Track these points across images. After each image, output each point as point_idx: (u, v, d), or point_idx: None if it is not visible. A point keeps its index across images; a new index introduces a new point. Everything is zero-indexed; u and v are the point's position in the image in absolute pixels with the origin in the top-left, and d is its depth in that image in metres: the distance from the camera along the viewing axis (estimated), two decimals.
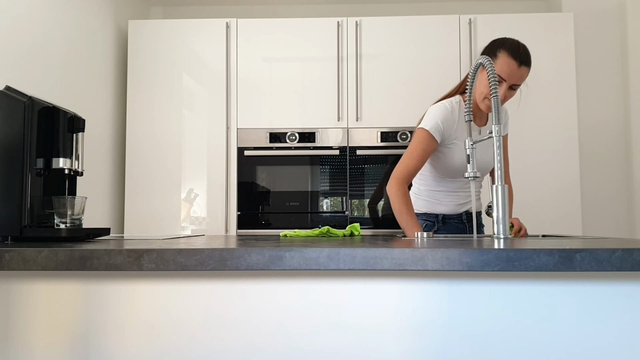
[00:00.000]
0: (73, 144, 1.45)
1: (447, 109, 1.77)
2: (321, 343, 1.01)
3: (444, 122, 1.75)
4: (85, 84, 2.74)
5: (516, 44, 1.68)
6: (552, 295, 0.99)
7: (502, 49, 1.68)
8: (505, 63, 1.66)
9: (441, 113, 1.76)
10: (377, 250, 0.91)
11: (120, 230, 3.13)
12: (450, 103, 1.79)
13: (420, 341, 1.00)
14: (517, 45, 1.68)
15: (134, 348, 1.03)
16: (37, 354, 1.04)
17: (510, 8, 3.60)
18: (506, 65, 1.66)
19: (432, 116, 1.76)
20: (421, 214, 1.90)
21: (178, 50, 3.08)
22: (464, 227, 1.90)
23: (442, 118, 1.75)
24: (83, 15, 2.73)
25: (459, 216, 1.89)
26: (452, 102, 1.80)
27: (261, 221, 3.01)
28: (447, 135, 1.77)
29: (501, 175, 1.43)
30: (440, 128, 1.75)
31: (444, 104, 1.79)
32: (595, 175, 3.17)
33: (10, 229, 1.29)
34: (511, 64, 1.66)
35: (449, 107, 1.77)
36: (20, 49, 2.20)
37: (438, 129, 1.75)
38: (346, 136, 3.01)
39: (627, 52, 3.12)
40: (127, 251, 0.93)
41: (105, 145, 2.96)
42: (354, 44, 3.05)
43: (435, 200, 1.87)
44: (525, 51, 1.68)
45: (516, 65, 1.66)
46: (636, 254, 0.88)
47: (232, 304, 1.03)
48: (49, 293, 1.04)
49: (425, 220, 1.89)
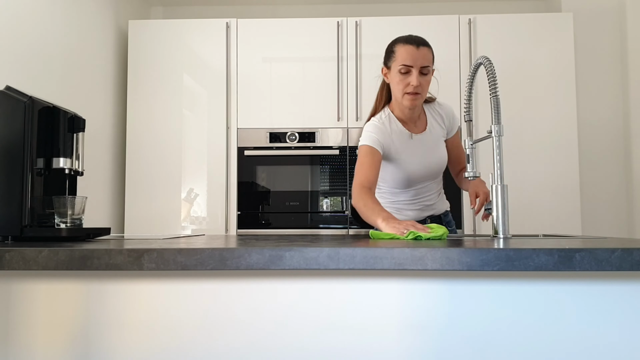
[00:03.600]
0: (73, 144, 1.45)
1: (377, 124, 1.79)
2: (321, 342, 1.01)
3: (379, 134, 1.76)
4: (85, 84, 2.74)
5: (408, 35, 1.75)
6: (552, 295, 0.99)
7: (396, 43, 1.74)
8: (404, 51, 1.70)
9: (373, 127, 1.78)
10: (376, 250, 0.92)
11: (121, 230, 3.13)
12: (380, 118, 1.81)
13: (420, 340, 1.00)
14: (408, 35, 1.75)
15: (134, 348, 1.03)
16: (37, 354, 1.04)
17: (510, 8, 3.60)
18: (405, 52, 1.70)
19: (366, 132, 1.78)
20: None
21: (178, 50, 3.08)
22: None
23: (375, 131, 1.77)
24: (83, 15, 2.73)
25: (423, 221, 1.88)
26: (381, 116, 1.82)
27: (261, 221, 3.01)
28: (387, 147, 1.77)
29: (501, 175, 1.43)
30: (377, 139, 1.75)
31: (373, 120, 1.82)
32: (594, 175, 3.17)
33: (11, 228, 1.29)
34: (409, 49, 1.70)
35: (378, 122, 1.80)
36: (20, 49, 2.20)
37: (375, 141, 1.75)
38: (346, 136, 3.02)
39: (626, 52, 3.12)
40: (127, 251, 0.93)
41: (105, 145, 2.96)
42: (353, 44, 3.05)
43: (396, 212, 1.87)
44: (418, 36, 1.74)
45: (414, 48, 1.70)
46: (635, 254, 0.88)
47: (232, 303, 1.03)
48: (49, 293, 1.04)
49: None
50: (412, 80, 1.70)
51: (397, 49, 1.72)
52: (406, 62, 1.69)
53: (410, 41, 1.71)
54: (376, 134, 1.76)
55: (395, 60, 1.73)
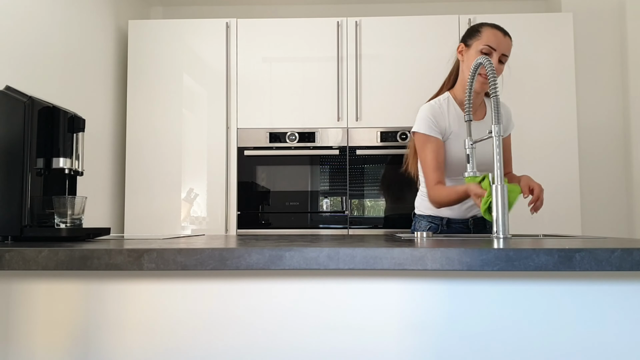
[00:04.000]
0: (73, 144, 1.45)
1: (434, 106, 1.80)
2: (321, 342, 1.01)
3: (435, 117, 1.77)
4: (85, 84, 2.74)
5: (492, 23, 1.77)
6: (552, 295, 0.99)
7: (483, 25, 1.76)
8: (491, 34, 1.73)
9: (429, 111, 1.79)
10: (376, 250, 0.92)
11: (121, 230, 3.13)
12: (438, 101, 1.82)
13: (420, 341, 1.00)
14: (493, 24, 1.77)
15: (134, 348, 1.03)
16: (37, 354, 1.04)
17: (510, 8, 3.60)
18: (492, 35, 1.73)
19: (421, 116, 1.79)
20: (425, 216, 1.88)
21: (178, 50, 3.08)
22: (468, 232, 1.85)
23: (431, 114, 1.78)
24: (83, 15, 2.73)
25: (465, 221, 1.85)
26: (440, 100, 1.83)
27: (261, 221, 3.01)
28: (443, 129, 1.78)
29: (501, 175, 1.43)
30: (433, 122, 1.76)
31: (430, 103, 1.83)
32: (594, 175, 3.17)
33: (11, 228, 1.29)
34: (497, 34, 1.73)
35: (435, 105, 1.81)
36: (20, 49, 2.20)
37: (431, 125, 1.76)
38: (346, 136, 3.02)
39: (626, 52, 3.12)
40: (127, 251, 0.93)
41: (105, 145, 2.96)
42: (353, 44, 3.05)
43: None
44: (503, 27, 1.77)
45: (502, 35, 1.73)
46: (635, 254, 0.88)
47: (232, 303, 1.03)
48: (49, 293, 1.04)
49: (429, 222, 1.86)
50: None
51: (484, 30, 1.74)
52: (491, 44, 1.72)
53: (497, 27, 1.75)
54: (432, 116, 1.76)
55: (479, 39, 1.74)
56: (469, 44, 1.78)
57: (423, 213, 1.89)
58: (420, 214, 1.90)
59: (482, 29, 1.75)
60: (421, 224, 1.89)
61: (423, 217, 1.89)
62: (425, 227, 1.87)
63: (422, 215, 1.89)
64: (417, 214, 1.94)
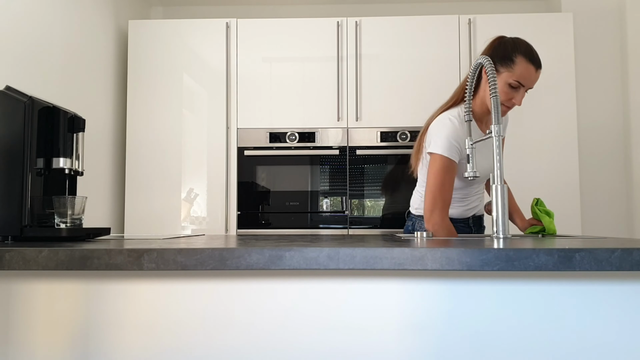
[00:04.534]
0: (73, 144, 1.45)
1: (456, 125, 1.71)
2: (321, 342, 1.01)
3: (458, 140, 1.70)
4: (85, 84, 2.74)
5: (529, 47, 1.66)
6: (552, 295, 0.99)
7: (519, 54, 1.64)
8: (524, 68, 1.64)
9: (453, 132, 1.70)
10: (376, 250, 0.92)
11: (121, 230, 3.13)
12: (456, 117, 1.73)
13: (420, 341, 1.00)
14: (530, 48, 1.66)
15: (134, 348, 1.03)
16: (37, 354, 1.04)
17: (510, 8, 3.60)
18: (525, 70, 1.64)
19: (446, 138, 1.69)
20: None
21: (178, 50, 3.08)
22: (469, 230, 1.88)
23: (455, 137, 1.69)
24: (83, 15, 2.73)
25: (466, 220, 1.87)
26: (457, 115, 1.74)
27: (261, 221, 3.01)
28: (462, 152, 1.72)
29: (500, 175, 1.43)
30: (457, 148, 1.70)
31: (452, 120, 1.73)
32: (594, 175, 3.17)
33: (11, 228, 1.29)
34: (530, 69, 1.64)
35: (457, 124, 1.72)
36: (20, 49, 2.20)
37: (455, 150, 1.69)
38: (346, 136, 3.02)
39: (626, 52, 3.12)
40: (127, 251, 0.93)
41: (105, 145, 2.96)
42: (353, 44, 3.05)
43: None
44: (537, 54, 1.67)
45: (534, 70, 1.65)
46: (635, 254, 0.88)
47: (232, 303, 1.03)
48: (49, 293, 1.04)
49: None
50: (517, 100, 1.66)
51: (519, 62, 1.64)
52: (522, 81, 1.64)
53: (533, 60, 1.64)
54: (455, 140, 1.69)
55: (510, 71, 1.64)
56: (499, 69, 1.66)
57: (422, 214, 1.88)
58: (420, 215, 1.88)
59: (516, 59, 1.64)
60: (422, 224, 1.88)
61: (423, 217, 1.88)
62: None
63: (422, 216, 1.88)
64: (415, 214, 1.93)
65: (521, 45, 1.66)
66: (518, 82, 1.65)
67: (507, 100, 1.69)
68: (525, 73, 1.64)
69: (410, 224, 1.93)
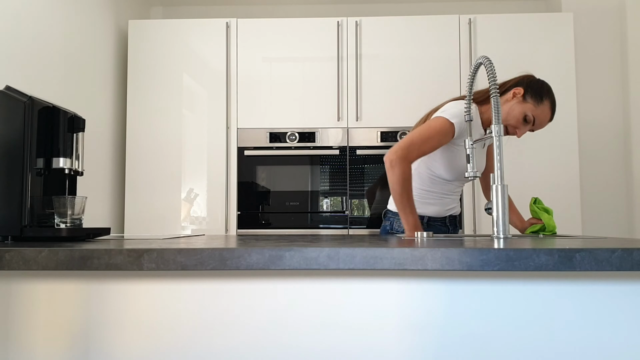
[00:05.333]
0: (73, 144, 1.45)
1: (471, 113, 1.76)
2: (321, 342, 1.01)
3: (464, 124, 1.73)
4: (85, 84, 2.74)
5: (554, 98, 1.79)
6: (552, 295, 0.99)
7: (548, 99, 1.76)
8: (545, 112, 1.77)
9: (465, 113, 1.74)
10: (376, 250, 0.92)
11: (121, 230, 3.13)
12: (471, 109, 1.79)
13: (420, 341, 1.00)
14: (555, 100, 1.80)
15: (134, 348, 1.03)
16: (37, 354, 1.04)
17: (510, 8, 3.60)
18: (545, 114, 1.77)
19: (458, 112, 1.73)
20: None
21: (178, 50, 3.08)
22: (446, 229, 1.90)
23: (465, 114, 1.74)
24: (83, 15, 2.73)
25: (443, 219, 1.89)
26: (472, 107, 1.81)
27: (261, 221, 3.01)
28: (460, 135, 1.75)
29: (501, 175, 1.43)
30: (463, 125, 1.73)
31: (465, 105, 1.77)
32: (595, 175, 3.17)
33: (11, 228, 1.29)
34: (547, 116, 1.78)
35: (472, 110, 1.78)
36: (20, 49, 2.20)
37: (460, 125, 1.72)
38: (346, 136, 3.02)
39: (626, 51, 3.12)
40: (127, 251, 0.93)
41: (105, 145, 2.96)
42: (353, 44, 3.05)
43: (425, 201, 1.85)
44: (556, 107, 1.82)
45: (549, 118, 1.79)
46: (636, 254, 0.88)
47: (232, 303, 1.03)
48: (49, 293, 1.04)
49: None
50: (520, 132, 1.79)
51: (545, 104, 1.76)
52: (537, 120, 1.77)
53: (553, 111, 1.79)
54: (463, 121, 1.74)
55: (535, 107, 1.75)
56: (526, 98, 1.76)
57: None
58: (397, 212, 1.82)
59: (545, 101, 1.75)
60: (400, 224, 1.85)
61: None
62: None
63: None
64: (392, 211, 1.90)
65: (552, 93, 1.79)
66: (533, 119, 1.76)
67: (514, 127, 1.78)
68: (543, 116, 1.77)
69: (388, 223, 1.91)
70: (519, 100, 1.75)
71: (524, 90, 1.76)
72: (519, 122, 1.76)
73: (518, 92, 1.76)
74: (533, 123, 1.76)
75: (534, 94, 1.75)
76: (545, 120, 1.77)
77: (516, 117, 1.75)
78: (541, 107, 1.75)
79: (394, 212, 1.89)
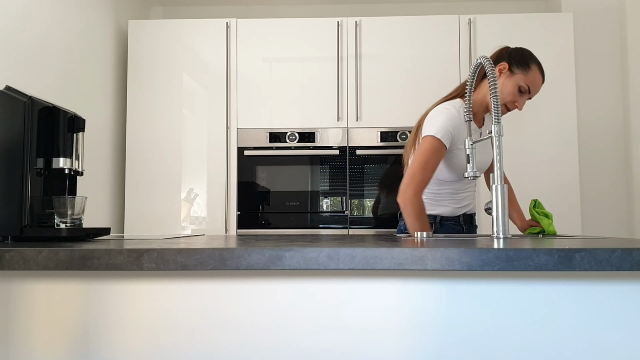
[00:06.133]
0: (73, 144, 1.45)
1: (454, 113, 1.76)
2: (321, 342, 1.01)
3: (454, 127, 1.73)
4: (85, 84, 2.74)
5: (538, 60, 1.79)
6: (552, 295, 0.99)
7: (534, 62, 1.76)
8: (536, 76, 1.76)
9: (450, 118, 1.74)
10: (376, 250, 0.92)
11: (120, 230, 3.13)
12: (454, 106, 1.78)
13: (420, 341, 1.00)
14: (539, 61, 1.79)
15: (134, 348, 1.03)
16: (37, 354, 1.04)
17: (510, 8, 3.60)
18: (537, 79, 1.76)
19: (442, 122, 1.73)
20: None
21: (178, 50, 3.08)
22: (460, 228, 1.88)
23: (452, 124, 1.73)
24: (83, 15, 2.73)
25: (457, 218, 1.87)
26: (456, 105, 1.78)
27: (261, 221, 3.01)
28: (456, 140, 1.75)
29: (501, 175, 1.43)
30: (451, 134, 1.72)
31: (449, 108, 1.77)
32: (594, 175, 3.17)
33: (11, 228, 1.29)
34: (539, 79, 1.77)
35: (454, 112, 1.76)
36: (20, 49, 2.20)
37: (449, 136, 1.72)
38: (346, 136, 3.02)
39: (626, 52, 3.12)
40: (127, 251, 0.93)
41: (105, 145, 2.96)
42: (353, 44, 3.05)
43: (435, 202, 1.85)
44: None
45: (541, 81, 1.78)
46: (635, 254, 0.88)
47: (232, 303, 1.03)
48: (49, 293, 1.04)
49: None
50: (520, 104, 1.77)
51: (533, 70, 1.75)
52: (532, 86, 1.76)
53: (542, 72, 1.78)
54: (452, 127, 1.74)
55: (525, 75, 1.75)
56: (513, 70, 1.76)
57: None
58: None
59: (532, 66, 1.75)
60: None
61: None
62: None
63: None
64: None
65: (534, 56, 1.78)
66: (528, 87, 1.75)
67: (512, 102, 1.77)
68: (536, 81, 1.76)
69: (403, 223, 1.93)
70: (507, 75, 1.77)
71: (508, 64, 1.77)
72: (515, 95, 1.76)
73: (503, 68, 1.78)
74: (529, 91, 1.77)
75: (518, 63, 1.76)
76: (539, 84, 1.77)
77: (511, 91, 1.76)
78: (531, 73, 1.75)
79: None
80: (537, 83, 1.76)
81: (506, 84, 1.76)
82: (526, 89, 1.75)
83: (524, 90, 1.75)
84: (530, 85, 1.75)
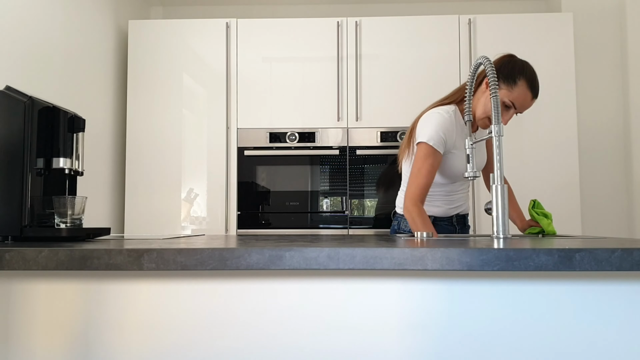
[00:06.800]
0: (73, 144, 1.45)
1: (446, 118, 1.74)
2: (321, 342, 1.01)
3: (445, 133, 1.73)
4: (85, 84, 2.74)
5: (533, 75, 1.69)
6: (552, 295, 0.99)
7: (522, 78, 1.67)
8: (522, 93, 1.68)
9: (441, 124, 1.73)
10: (376, 250, 0.92)
11: (121, 230, 3.13)
12: (447, 112, 1.76)
13: (420, 341, 1.00)
14: (534, 75, 1.69)
15: (134, 348, 1.03)
16: (37, 354, 1.04)
17: (510, 8, 3.60)
18: (523, 95, 1.68)
19: (433, 128, 1.72)
20: None
21: (178, 50, 3.08)
22: (453, 229, 1.90)
23: (443, 129, 1.73)
24: (83, 15, 2.73)
25: (450, 218, 1.89)
26: (449, 110, 1.77)
27: (261, 221, 3.01)
28: (449, 144, 1.75)
29: (501, 175, 1.43)
30: (443, 139, 1.72)
31: (441, 113, 1.76)
32: (594, 175, 3.17)
33: (11, 228, 1.29)
34: (527, 95, 1.68)
35: (446, 116, 1.74)
36: (20, 49, 2.20)
37: (441, 141, 1.72)
38: (346, 136, 3.02)
39: (626, 52, 3.12)
40: (127, 251, 0.93)
41: (105, 145, 2.96)
42: (353, 44, 3.05)
43: (428, 203, 1.86)
44: (538, 83, 1.71)
45: (530, 97, 1.69)
46: (635, 254, 0.88)
47: (232, 303, 1.03)
48: (49, 293, 1.04)
49: None
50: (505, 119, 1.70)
51: (520, 85, 1.67)
52: (516, 103, 1.69)
53: (533, 89, 1.69)
54: (443, 132, 1.72)
55: (510, 91, 1.68)
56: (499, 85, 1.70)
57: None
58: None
59: (519, 82, 1.67)
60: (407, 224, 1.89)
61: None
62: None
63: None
64: (400, 214, 1.93)
65: (527, 70, 1.69)
66: (512, 104, 1.69)
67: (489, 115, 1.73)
68: (522, 98, 1.68)
69: (396, 223, 1.94)
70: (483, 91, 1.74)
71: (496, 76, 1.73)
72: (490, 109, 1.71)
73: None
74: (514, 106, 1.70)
75: (505, 78, 1.69)
76: (526, 100, 1.69)
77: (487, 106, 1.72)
78: (516, 89, 1.67)
79: (401, 213, 1.91)
80: (523, 99, 1.68)
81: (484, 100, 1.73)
82: (510, 105, 1.69)
83: (508, 105, 1.69)
84: (515, 101, 1.68)
